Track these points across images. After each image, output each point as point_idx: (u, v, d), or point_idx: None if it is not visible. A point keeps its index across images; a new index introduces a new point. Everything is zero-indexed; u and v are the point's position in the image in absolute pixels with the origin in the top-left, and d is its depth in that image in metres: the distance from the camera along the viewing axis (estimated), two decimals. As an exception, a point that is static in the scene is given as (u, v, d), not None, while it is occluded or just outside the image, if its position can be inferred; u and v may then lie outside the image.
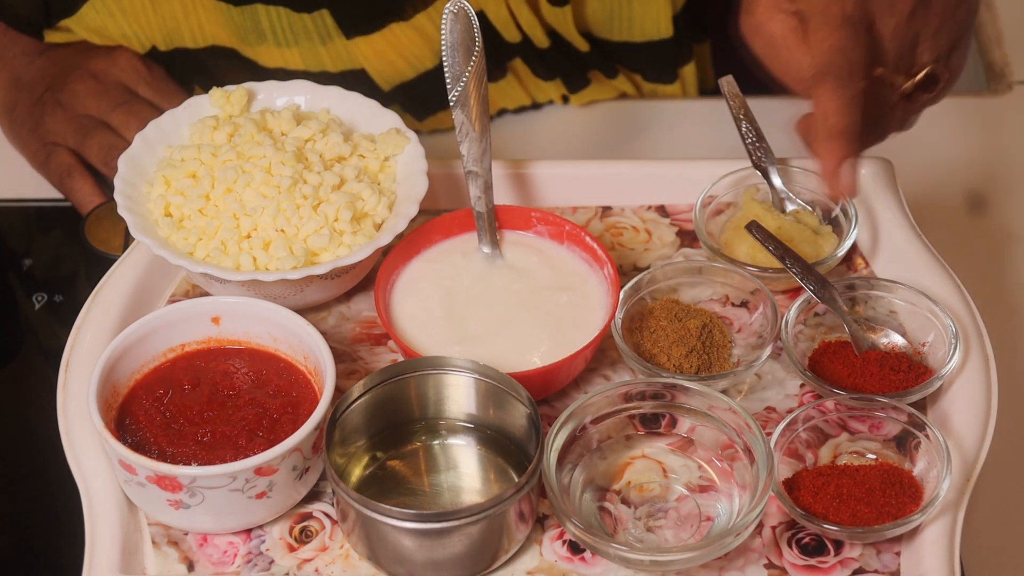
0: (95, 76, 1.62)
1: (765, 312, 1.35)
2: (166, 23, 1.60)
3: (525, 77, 1.70)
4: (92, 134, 1.59)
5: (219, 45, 1.62)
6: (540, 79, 1.69)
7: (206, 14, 1.59)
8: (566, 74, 1.70)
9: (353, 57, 1.62)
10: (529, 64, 1.68)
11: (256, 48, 1.60)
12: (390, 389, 1.27)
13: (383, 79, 1.64)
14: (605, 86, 1.72)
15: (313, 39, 1.60)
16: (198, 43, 1.62)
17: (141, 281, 1.40)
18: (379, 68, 1.63)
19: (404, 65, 1.63)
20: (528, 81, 1.70)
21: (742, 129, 1.45)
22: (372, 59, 1.62)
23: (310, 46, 1.60)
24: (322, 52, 1.61)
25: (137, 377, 1.29)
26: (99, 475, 1.28)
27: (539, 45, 1.66)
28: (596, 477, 1.28)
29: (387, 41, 1.61)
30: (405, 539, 1.20)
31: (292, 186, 1.35)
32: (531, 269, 1.37)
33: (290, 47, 1.60)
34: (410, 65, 1.63)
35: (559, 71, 1.70)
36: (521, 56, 1.67)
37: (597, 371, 1.36)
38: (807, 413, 1.28)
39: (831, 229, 1.42)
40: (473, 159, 1.37)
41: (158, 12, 1.59)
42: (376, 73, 1.63)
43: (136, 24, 1.61)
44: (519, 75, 1.69)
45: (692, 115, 1.73)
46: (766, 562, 1.24)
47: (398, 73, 1.63)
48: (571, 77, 1.70)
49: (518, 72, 1.69)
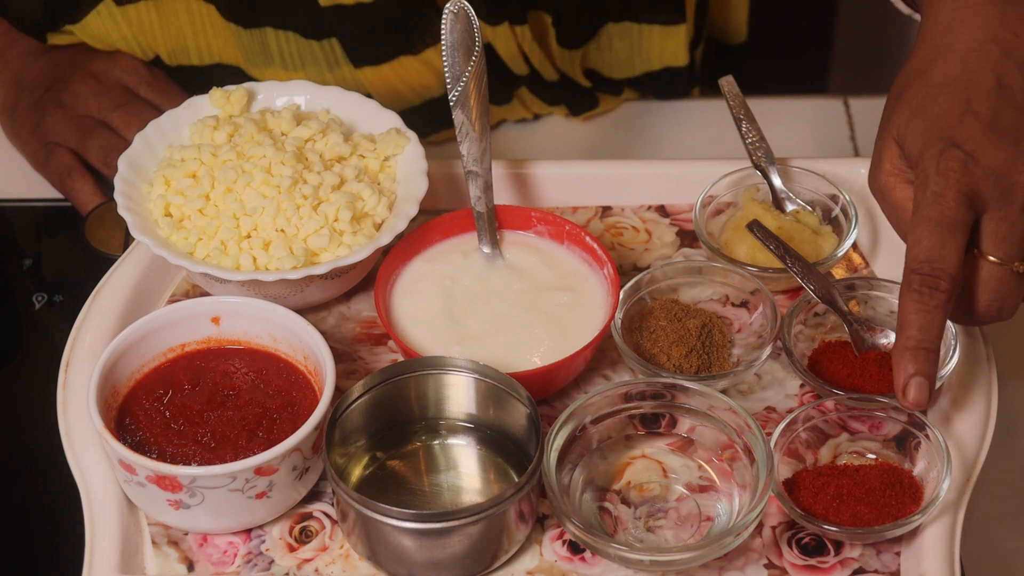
0: (96, 77, 1.62)
1: (765, 312, 1.35)
2: (172, 38, 1.60)
3: (530, 102, 1.70)
4: (93, 134, 1.59)
5: (225, 63, 1.62)
6: (545, 103, 1.70)
7: (214, 32, 1.59)
8: (571, 100, 1.70)
9: (359, 85, 1.62)
10: (535, 92, 1.68)
11: (263, 70, 1.61)
12: (390, 389, 1.27)
13: (388, 105, 1.64)
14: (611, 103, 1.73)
15: (320, 65, 1.60)
16: (204, 60, 1.62)
17: (141, 281, 1.40)
18: (385, 96, 1.63)
19: (411, 94, 1.63)
20: (533, 104, 1.70)
21: (742, 129, 1.45)
22: (379, 87, 1.62)
23: (317, 72, 1.60)
24: (329, 78, 1.61)
25: (137, 377, 1.29)
26: (99, 475, 1.28)
27: (547, 79, 1.66)
28: (596, 477, 1.28)
29: (395, 72, 1.61)
30: (405, 539, 1.20)
31: (292, 186, 1.35)
32: (531, 269, 1.37)
33: (297, 71, 1.60)
34: (416, 95, 1.64)
35: (564, 98, 1.70)
36: (527, 85, 1.67)
37: (597, 371, 1.36)
38: (807, 413, 1.28)
39: (831, 229, 1.42)
40: (473, 159, 1.37)
41: (165, 26, 1.59)
42: (381, 100, 1.63)
43: (141, 37, 1.61)
44: (524, 101, 1.69)
45: (692, 115, 1.73)
46: (766, 562, 1.24)
47: (404, 101, 1.64)
48: (577, 102, 1.70)
49: (523, 99, 1.69)
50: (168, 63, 1.62)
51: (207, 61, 1.62)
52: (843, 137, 1.70)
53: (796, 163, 1.46)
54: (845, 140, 1.70)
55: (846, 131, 1.70)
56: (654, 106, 1.74)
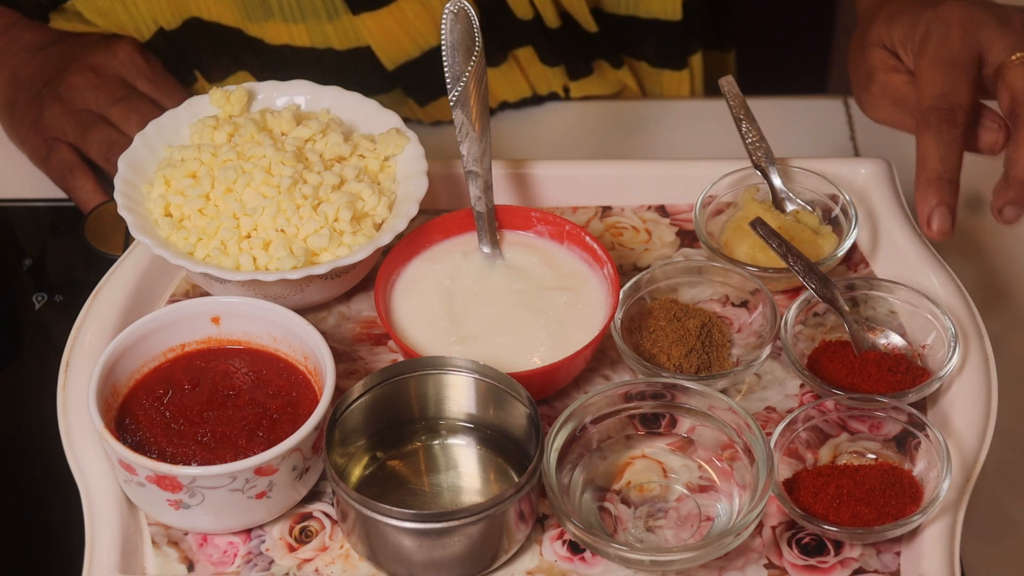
0: (93, 70, 1.62)
1: (765, 312, 1.35)
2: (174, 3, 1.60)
3: (528, 64, 1.69)
4: (92, 129, 1.59)
5: (224, 24, 1.62)
6: (544, 64, 1.69)
7: None
8: (571, 60, 1.70)
9: (359, 34, 1.62)
10: (536, 47, 1.68)
11: (263, 24, 1.61)
12: (390, 389, 1.27)
13: (388, 57, 1.64)
14: (608, 78, 1.72)
15: (320, 15, 1.61)
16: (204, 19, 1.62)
17: (141, 281, 1.40)
18: (384, 46, 1.63)
19: (409, 43, 1.64)
20: (530, 68, 1.70)
21: (742, 129, 1.45)
22: (378, 35, 1.62)
23: (316, 22, 1.61)
24: (328, 29, 1.61)
25: (137, 377, 1.29)
26: (99, 475, 1.28)
27: (550, 24, 1.66)
28: (596, 477, 1.28)
29: (393, 17, 1.62)
30: (405, 539, 1.20)
31: (292, 186, 1.35)
32: (531, 269, 1.37)
33: (296, 23, 1.61)
34: (415, 43, 1.64)
35: (565, 56, 1.69)
36: (529, 38, 1.67)
37: (597, 371, 1.36)
38: (807, 413, 1.28)
39: (831, 229, 1.42)
40: (473, 159, 1.37)
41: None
42: (381, 51, 1.64)
43: (144, 4, 1.61)
44: (521, 63, 1.69)
45: (692, 115, 1.73)
46: (766, 562, 1.24)
47: (403, 51, 1.64)
48: (575, 63, 1.70)
49: (520, 60, 1.69)
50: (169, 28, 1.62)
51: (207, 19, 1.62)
52: (843, 137, 1.70)
53: (796, 163, 1.46)
54: (845, 140, 1.70)
55: (846, 131, 1.70)
56: (654, 106, 1.74)
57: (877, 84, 1.37)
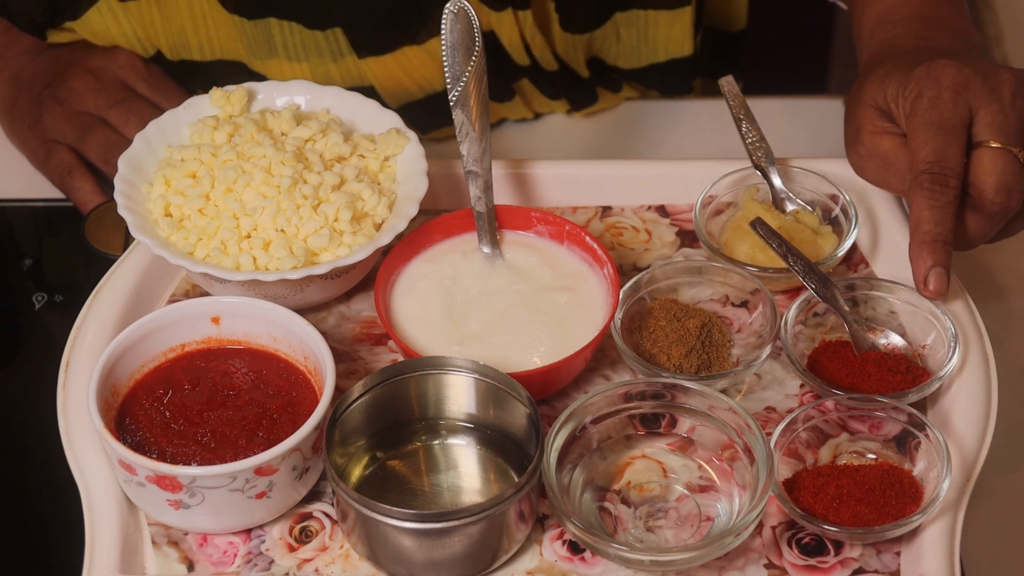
0: (93, 73, 1.62)
1: (765, 312, 1.35)
2: (174, 33, 1.60)
3: (531, 96, 1.69)
4: (91, 132, 1.59)
5: (226, 59, 1.62)
6: (546, 97, 1.70)
7: (216, 26, 1.59)
8: (572, 93, 1.70)
9: (363, 75, 1.62)
10: (536, 84, 1.68)
11: (266, 62, 1.61)
12: (390, 389, 1.27)
13: (391, 97, 1.64)
14: (610, 101, 1.72)
15: (324, 56, 1.60)
16: (205, 56, 1.62)
17: (141, 281, 1.40)
18: (388, 87, 1.63)
19: (413, 87, 1.63)
20: (533, 99, 1.70)
21: (742, 129, 1.45)
22: (382, 78, 1.62)
23: (320, 62, 1.60)
24: (332, 69, 1.61)
25: (137, 377, 1.29)
26: (99, 475, 1.28)
27: (547, 68, 1.66)
28: (596, 477, 1.28)
29: (398, 63, 1.61)
30: (405, 539, 1.20)
31: (292, 186, 1.35)
32: (531, 269, 1.37)
33: (300, 62, 1.60)
34: (419, 87, 1.64)
35: (565, 91, 1.70)
36: (528, 77, 1.67)
37: (597, 371, 1.36)
38: (807, 413, 1.28)
39: (831, 229, 1.42)
40: (473, 159, 1.37)
41: (166, 21, 1.59)
42: (384, 91, 1.63)
43: (143, 32, 1.61)
44: (525, 95, 1.69)
45: (692, 115, 1.73)
46: (766, 562, 1.24)
47: (406, 93, 1.64)
48: (577, 96, 1.70)
49: (524, 91, 1.69)
50: (170, 58, 1.62)
51: (208, 56, 1.62)
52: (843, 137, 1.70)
53: (796, 163, 1.46)
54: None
55: (846, 131, 1.70)
56: (654, 106, 1.74)
57: (863, 146, 1.38)
